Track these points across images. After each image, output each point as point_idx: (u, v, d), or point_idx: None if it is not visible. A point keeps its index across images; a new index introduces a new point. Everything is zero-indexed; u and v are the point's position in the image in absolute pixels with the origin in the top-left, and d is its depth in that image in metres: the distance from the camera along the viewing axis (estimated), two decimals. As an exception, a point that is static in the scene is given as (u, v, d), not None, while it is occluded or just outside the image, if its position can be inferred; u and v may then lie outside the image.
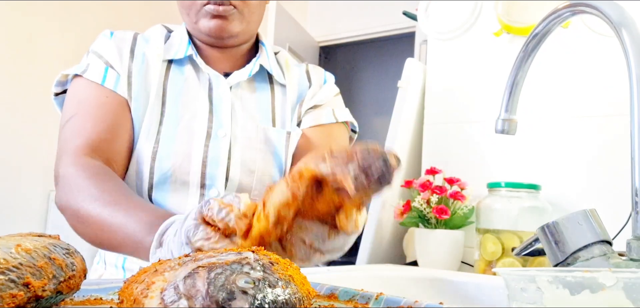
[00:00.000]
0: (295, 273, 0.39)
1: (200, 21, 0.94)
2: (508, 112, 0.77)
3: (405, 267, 1.17)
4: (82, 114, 0.89)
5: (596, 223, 0.60)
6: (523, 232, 1.06)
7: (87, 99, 0.90)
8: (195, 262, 0.36)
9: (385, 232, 1.28)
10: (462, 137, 1.33)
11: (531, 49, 0.75)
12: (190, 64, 0.98)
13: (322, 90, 1.06)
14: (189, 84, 0.96)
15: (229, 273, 0.34)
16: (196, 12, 0.93)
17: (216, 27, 0.93)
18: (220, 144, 0.93)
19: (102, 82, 0.91)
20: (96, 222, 0.76)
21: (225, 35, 0.95)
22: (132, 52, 0.95)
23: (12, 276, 0.35)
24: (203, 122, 0.93)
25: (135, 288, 0.35)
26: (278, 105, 1.02)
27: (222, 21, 0.93)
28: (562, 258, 0.59)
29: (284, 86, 1.03)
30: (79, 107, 0.89)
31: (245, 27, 0.96)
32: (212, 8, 0.91)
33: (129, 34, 0.97)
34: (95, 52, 0.94)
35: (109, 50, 0.94)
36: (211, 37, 0.95)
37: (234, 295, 0.32)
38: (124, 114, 0.91)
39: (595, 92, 1.16)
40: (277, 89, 1.03)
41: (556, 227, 0.60)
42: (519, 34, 1.24)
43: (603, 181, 1.12)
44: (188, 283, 0.33)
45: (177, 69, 0.97)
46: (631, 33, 0.63)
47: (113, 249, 0.76)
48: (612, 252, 0.59)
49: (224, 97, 0.96)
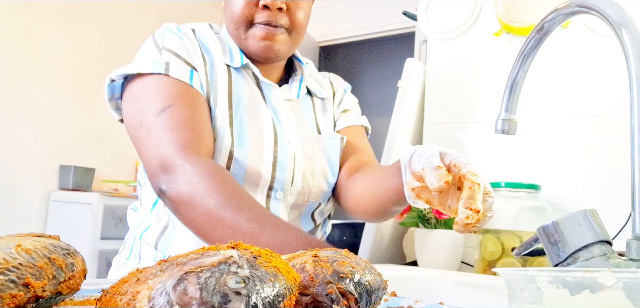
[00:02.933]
0: (279, 263, 0.40)
1: (249, 39, 0.96)
2: (508, 112, 0.77)
3: (405, 267, 1.17)
4: (179, 107, 0.87)
5: (596, 223, 0.60)
6: (523, 232, 1.06)
7: (178, 94, 0.88)
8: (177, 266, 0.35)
9: (385, 232, 1.28)
10: (462, 137, 1.33)
11: (531, 49, 0.75)
12: (244, 70, 1.00)
13: (345, 97, 1.15)
14: (251, 91, 0.98)
15: (219, 275, 0.34)
16: (245, 30, 0.95)
17: (265, 48, 0.95)
18: (286, 150, 0.97)
19: (190, 82, 0.90)
20: (245, 233, 0.75)
21: (273, 56, 0.97)
22: (203, 53, 0.95)
23: (12, 276, 0.35)
24: (270, 129, 0.96)
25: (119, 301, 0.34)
26: (319, 115, 1.08)
27: (272, 42, 0.95)
28: (562, 258, 0.59)
29: (323, 99, 1.10)
30: (174, 99, 0.87)
31: (292, 47, 1.00)
32: (263, 29, 0.94)
33: (189, 32, 0.96)
34: (170, 51, 0.92)
35: (185, 50, 0.93)
36: (260, 56, 0.97)
37: (228, 297, 0.32)
38: (208, 114, 0.92)
39: (595, 92, 1.16)
40: (317, 101, 1.09)
41: (556, 227, 0.60)
42: (519, 34, 1.24)
43: (603, 181, 1.12)
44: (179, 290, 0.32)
45: (238, 75, 0.98)
46: (631, 33, 0.63)
47: None
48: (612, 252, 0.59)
49: (281, 107, 1.00)
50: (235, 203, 0.78)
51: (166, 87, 0.88)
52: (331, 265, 0.45)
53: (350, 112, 1.12)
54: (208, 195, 0.78)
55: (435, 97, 1.39)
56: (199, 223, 0.79)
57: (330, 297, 0.43)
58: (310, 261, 0.47)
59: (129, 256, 1.03)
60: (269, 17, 0.93)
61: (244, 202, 0.78)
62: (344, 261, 0.47)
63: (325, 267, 0.45)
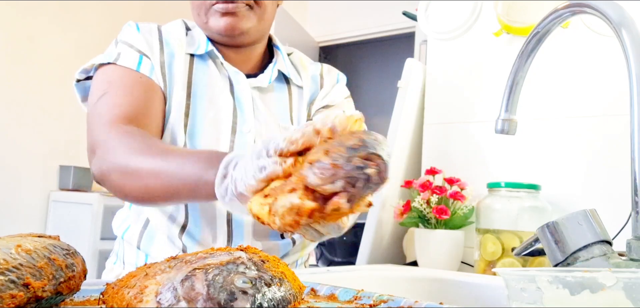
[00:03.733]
0: (286, 269, 0.40)
1: (210, 20, 0.93)
2: (508, 112, 0.77)
3: (405, 267, 1.17)
4: (114, 92, 0.87)
5: (596, 223, 0.60)
6: (523, 232, 1.06)
7: (120, 79, 0.89)
8: (187, 264, 0.36)
9: (385, 232, 1.28)
10: (462, 137, 1.33)
11: (531, 49, 0.75)
12: (210, 59, 0.98)
13: (333, 90, 1.08)
14: (213, 79, 0.96)
15: (226, 273, 0.34)
16: (206, 12, 0.93)
17: (226, 25, 0.92)
18: (246, 139, 0.94)
19: (137, 68, 0.90)
20: (148, 171, 0.73)
21: (236, 33, 0.94)
22: (161, 44, 0.95)
23: (12, 277, 0.35)
24: (228, 117, 0.94)
25: (126, 293, 0.35)
26: (295, 105, 1.04)
27: (233, 18, 0.92)
28: (562, 258, 0.59)
29: (301, 88, 1.05)
30: (111, 86, 0.88)
31: (256, 24, 0.96)
32: (221, 6, 0.91)
33: (154, 26, 0.97)
34: (125, 42, 0.93)
35: (140, 41, 0.93)
36: (222, 35, 0.95)
37: (234, 295, 0.33)
38: (158, 97, 0.91)
39: (595, 92, 1.16)
40: (294, 89, 1.05)
41: (556, 227, 0.60)
42: (519, 34, 1.24)
43: (603, 181, 1.12)
44: (186, 285, 0.33)
45: (201, 64, 0.97)
46: (631, 33, 0.63)
47: (167, 197, 0.74)
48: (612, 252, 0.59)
49: (245, 95, 0.97)
50: (139, 149, 0.76)
51: (107, 76, 0.89)
52: (342, 146, 0.46)
53: (333, 110, 1.07)
54: (119, 154, 0.78)
55: (435, 97, 1.39)
56: (128, 186, 0.77)
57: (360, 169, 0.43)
58: (321, 151, 0.47)
59: (116, 261, 1.03)
60: None
61: (148, 145, 0.77)
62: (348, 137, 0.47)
63: (340, 151, 0.45)
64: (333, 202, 0.46)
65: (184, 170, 0.68)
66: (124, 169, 0.76)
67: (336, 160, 0.45)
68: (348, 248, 1.50)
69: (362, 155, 0.45)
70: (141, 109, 0.87)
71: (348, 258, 1.49)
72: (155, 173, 0.72)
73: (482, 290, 0.93)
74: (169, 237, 0.94)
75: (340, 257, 1.51)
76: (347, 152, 0.45)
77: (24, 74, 3.06)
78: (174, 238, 0.94)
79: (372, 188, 0.46)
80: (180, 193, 0.70)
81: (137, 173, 0.74)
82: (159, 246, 0.95)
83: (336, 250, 1.52)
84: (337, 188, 0.45)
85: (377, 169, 0.45)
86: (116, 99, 0.86)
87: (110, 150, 0.79)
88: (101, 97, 0.87)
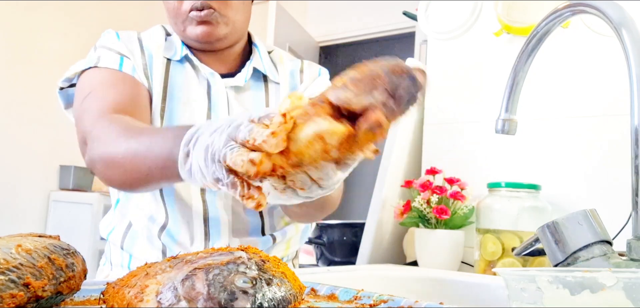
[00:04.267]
0: (286, 269, 0.40)
1: (187, 29, 0.95)
2: (508, 112, 0.77)
3: (405, 267, 1.17)
4: (99, 89, 0.88)
5: (596, 223, 0.60)
6: (523, 232, 1.06)
7: (104, 78, 0.90)
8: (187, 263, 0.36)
9: (385, 232, 1.28)
10: (462, 137, 1.33)
11: (531, 48, 0.75)
12: (188, 63, 0.99)
13: (314, 84, 1.07)
14: (189, 82, 0.97)
15: (227, 273, 0.34)
16: (183, 21, 0.95)
17: (203, 33, 0.94)
18: None
19: (120, 68, 0.91)
20: (125, 155, 0.72)
21: (212, 40, 0.96)
22: (141, 48, 0.96)
23: (12, 276, 0.35)
24: (202, 118, 0.95)
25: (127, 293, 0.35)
26: (272, 102, 1.03)
27: (208, 27, 0.94)
28: (562, 258, 0.59)
29: (278, 84, 1.04)
30: (95, 86, 0.89)
31: (231, 29, 0.97)
32: (195, 14, 0.93)
33: (133, 33, 0.99)
34: (105, 47, 0.94)
35: (119, 45, 0.94)
36: (199, 42, 0.97)
37: (234, 295, 0.33)
38: (143, 93, 0.92)
39: (595, 92, 1.16)
40: (271, 86, 1.04)
41: (556, 227, 0.60)
42: (519, 34, 1.24)
43: (603, 181, 1.12)
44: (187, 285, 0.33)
45: (177, 67, 0.98)
46: (631, 33, 0.63)
47: (144, 182, 0.71)
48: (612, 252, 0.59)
49: (220, 95, 0.98)
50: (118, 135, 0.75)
51: (89, 79, 0.90)
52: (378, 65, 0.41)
53: None
54: (102, 143, 0.77)
55: (435, 97, 1.39)
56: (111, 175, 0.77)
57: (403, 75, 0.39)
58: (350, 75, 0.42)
59: (105, 262, 1.05)
60: (195, 1, 0.93)
61: (128, 128, 0.76)
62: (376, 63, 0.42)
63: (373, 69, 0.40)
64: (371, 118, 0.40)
65: (154, 149, 0.65)
66: (107, 157, 0.76)
67: (373, 72, 0.40)
68: (348, 248, 1.50)
69: (402, 66, 0.41)
70: (128, 101, 0.88)
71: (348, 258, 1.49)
72: (131, 157, 0.70)
73: (482, 290, 0.93)
74: (148, 237, 0.95)
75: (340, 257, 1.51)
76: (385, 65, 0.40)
77: (24, 74, 3.06)
78: (153, 239, 0.94)
79: (411, 100, 0.41)
80: (153, 175, 0.66)
81: (116, 159, 0.74)
82: (141, 247, 0.96)
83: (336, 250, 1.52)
84: (375, 101, 0.39)
85: (423, 75, 0.41)
86: (102, 94, 0.87)
87: (95, 139, 0.80)
88: (86, 97, 0.88)
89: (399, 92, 0.40)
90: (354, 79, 0.41)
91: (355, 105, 0.40)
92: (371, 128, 0.40)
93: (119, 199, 1.00)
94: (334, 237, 1.55)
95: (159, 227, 0.94)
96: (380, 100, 0.40)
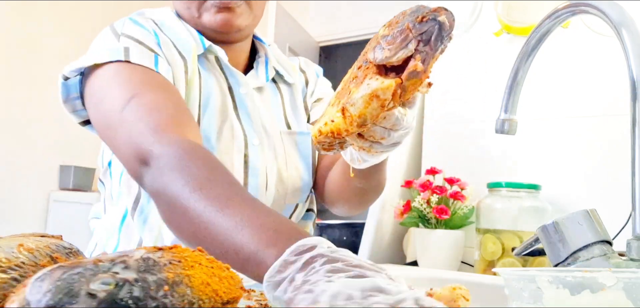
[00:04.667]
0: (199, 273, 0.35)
1: (203, 15, 0.86)
2: (508, 112, 0.77)
3: (405, 267, 1.17)
4: (146, 94, 0.74)
5: (596, 223, 0.60)
6: (523, 232, 1.06)
7: (145, 80, 0.76)
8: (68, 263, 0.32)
9: (385, 232, 1.28)
10: (462, 137, 1.33)
11: (531, 48, 0.75)
12: (207, 59, 0.89)
13: (318, 84, 1.05)
14: (220, 86, 0.88)
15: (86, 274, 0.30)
16: (198, 7, 0.86)
17: (223, 22, 0.85)
18: (257, 151, 0.87)
19: (156, 68, 0.78)
20: (200, 219, 0.58)
21: (232, 30, 0.87)
22: (178, 52, 0.86)
23: (14, 275, 0.35)
24: (239, 128, 0.87)
25: None
26: (288, 106, 0.98)
27: (229, 14, 0.85)
28: (562, 258, 0.59)
29: (290, 85, 0.99)
30: (137, 88, 0.75)
31: (251, 21, 0.90)
32: (218, 2, 0.85)
33: (149, 21, 0.87)
34: (129, 37, 0.81)
35: (146, 37, 0.82)
36: (217, 31, 0.87)
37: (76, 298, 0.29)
38: (183, 100, 0.79)
39: (595, 92, 1.16)
40: (283, 88, 0.99)
41: (556, 227, 0.60)
42: (519, 34, 1.24)
43: (603, 181, 1.12)
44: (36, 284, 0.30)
45: (205, 71, 0.88)
46: (631, 33, 0.63)
47: (216, 255, 0.50)
48: (612, 252, 0.59)
49: (249, 99, 0.90)
50: (198, 182, 0.60)
51: (128, 76, 0.77)
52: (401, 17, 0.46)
53: (324, 101, 1.02)
54: (173, 180, 0.62)
55: (435, 97, 1.39)
56: (166, 216, 0.65)
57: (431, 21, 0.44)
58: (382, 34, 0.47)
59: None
60: None
61: (209, 179, 0.61)
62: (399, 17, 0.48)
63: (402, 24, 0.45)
64: (410, 66, 0.45)
65: (239, 237, 0.53)
66: (175, 202, 0.61)
67: (402, 26, 0.45)
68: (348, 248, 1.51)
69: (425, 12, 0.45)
70: (182, 111, 0.75)
71: (348, 258, 1.49)
72: (206, 225, 0.57)
73: (482, 290, 0.93)
74: None
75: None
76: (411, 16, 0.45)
77: (24, 74, 3.06)
78: None
79: (444, 40, 0.45)
80: (228, 259, 0.52)
81: (187, 214, 0.59)
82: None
83: (336, 250, 1.53)
84: (410, 51, 0.45)
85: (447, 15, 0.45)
86: (150, 100, 0.73)
87: (164, 168, 0.65)
88: (129, 102, 0.74)
89: (429, 38, 0.45)
90: (387, 38, 0.46)
91: (395, 62, 0.46)
92: (414, 75, 0.45)
93: (126, 213, 0.86)
94: (334, 236, 1.55)
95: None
96: (415, 49, 0.45)
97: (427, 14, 0.45)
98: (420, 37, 0.45)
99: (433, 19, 0.44)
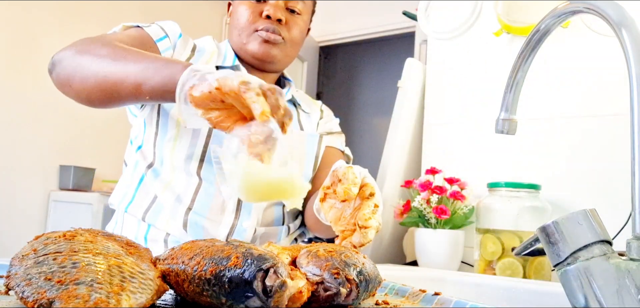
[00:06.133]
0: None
1: (250, 43, 1.04)
2: (508, 112, 0.77)
3: (405, 267, 1.17)
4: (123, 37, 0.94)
5: (596, 223, 0.60)
6: (523, 232, 1.06)
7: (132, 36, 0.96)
8: None
9: (385, 232, 1.28)
10: (462, 137, 1.33)
11: (531, 48, 0.75)
12: None
13: (333, 122, 1.22)
14: None
15: None
16: (248, 35, 1.04)
17: (263, 51, 1.04)
18: None
19: (156, 41, 0.99)
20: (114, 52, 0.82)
21: (269, 59, 1.05)
22: (193, 51, 1.05)
23: None
24: None
25: None
26: (304, 120, 1.14)
27: (270, 47, 1.04)
28: (562, 258, 0.59)
29: (308, 113, 1.16)
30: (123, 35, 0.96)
31: (285, 58, 1.08)
32: (264, 34, 1.03)
33: (190, 41, 1.06)
34: (158, 24, 1.02)
35: (174, 33, 1.02)
36: (257, 59, 1.05)
37: None
38: None
39: (595, 92, 1.16)
40: (300, 112, 1.15)
41: (556, 227, 0.60)
42: (519, 34, 1.24)
43: (603, 181, 1.12)
44: None
45: None
46: (631, 33, 0.63)
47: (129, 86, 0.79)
48: (612, 252, 0.59)
49: None
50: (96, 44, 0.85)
51: (124, 34, 0.97)
52: (339, 255, 0.51)
53: (336, 137, 1.18)
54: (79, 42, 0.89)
55: (435, 97, 1.39)
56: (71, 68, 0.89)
57: (338, 281, 0.49)
58: (321, 250, 0.52)
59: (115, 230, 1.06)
60: (269, 25, 1.03)
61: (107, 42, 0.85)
62: (349, 254, 0.53)
63: (334, 256, 0.51)
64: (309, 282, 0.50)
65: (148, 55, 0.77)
66: (81, 49, 0.88)
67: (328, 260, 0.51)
68: (348, 248, 1.51)
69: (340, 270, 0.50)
70: None
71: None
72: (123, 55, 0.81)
73: (482, 290, 0.93)
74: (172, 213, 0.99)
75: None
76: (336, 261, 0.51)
77: (25, 74, 3.06)
78: (178, 216, 0.99)
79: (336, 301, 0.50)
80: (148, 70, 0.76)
81: (97, 53, 0.85)
82: (164, 220, 0.99)
83: (336, 250, 1.53)
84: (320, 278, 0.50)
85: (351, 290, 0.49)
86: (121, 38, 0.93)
87: (73, 44, 0.89)
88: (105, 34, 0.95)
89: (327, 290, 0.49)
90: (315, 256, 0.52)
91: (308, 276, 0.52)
92: None
93: (144, 175, 1.03)
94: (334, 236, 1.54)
95: (186, 207, 0.99)
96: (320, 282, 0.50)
97: (340, 272, 0.49)
98: (324, 284, 0.49)
99: (338, 283, 0.49)
